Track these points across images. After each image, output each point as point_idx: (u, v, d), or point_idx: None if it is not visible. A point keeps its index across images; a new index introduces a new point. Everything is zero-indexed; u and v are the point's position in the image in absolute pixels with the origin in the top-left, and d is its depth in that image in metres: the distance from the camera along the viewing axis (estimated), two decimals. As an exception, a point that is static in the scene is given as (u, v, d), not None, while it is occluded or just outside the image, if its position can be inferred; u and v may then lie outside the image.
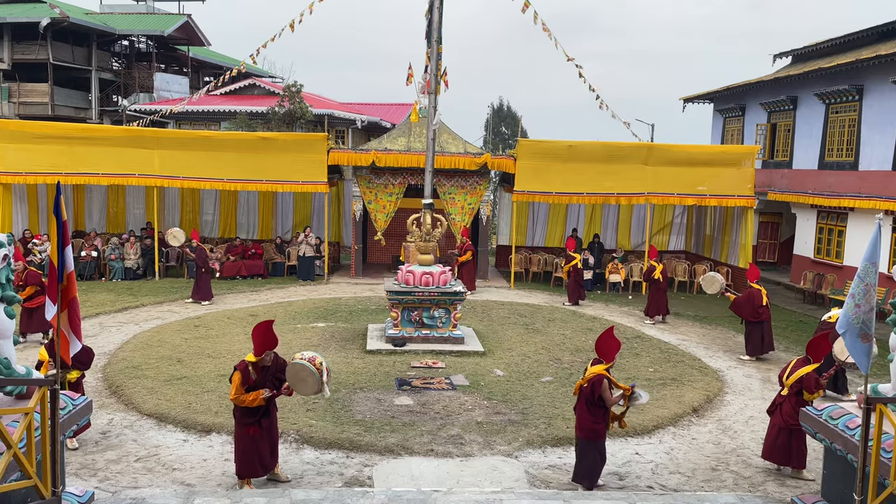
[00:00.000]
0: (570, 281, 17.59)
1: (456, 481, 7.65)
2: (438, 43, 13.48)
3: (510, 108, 52.50)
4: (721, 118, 27.21)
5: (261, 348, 7.18)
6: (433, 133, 13.88)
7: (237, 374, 7.14)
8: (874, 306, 5.90)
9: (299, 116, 26.14)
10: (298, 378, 7.10)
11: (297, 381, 7.12)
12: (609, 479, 7.93)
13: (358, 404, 9.74)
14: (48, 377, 5.80)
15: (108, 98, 33.82)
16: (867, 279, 5.87)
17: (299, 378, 7.09)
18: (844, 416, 6.72)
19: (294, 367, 7.09)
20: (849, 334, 5.98)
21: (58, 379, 5.47)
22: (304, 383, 7.11)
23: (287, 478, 7.66)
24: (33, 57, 30.45)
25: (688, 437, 9.26)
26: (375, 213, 19.88)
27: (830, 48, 21.95)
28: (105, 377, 10.72)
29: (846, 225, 18.97)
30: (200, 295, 16.37)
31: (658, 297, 15.95)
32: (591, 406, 7.48)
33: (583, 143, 19.83)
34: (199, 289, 16.40)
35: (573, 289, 17.51)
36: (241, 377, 7.13)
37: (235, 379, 7.14)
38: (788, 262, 22.34)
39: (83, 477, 7.48)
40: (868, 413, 5.78)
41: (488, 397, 10.23)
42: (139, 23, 34.56)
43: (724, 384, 11.53)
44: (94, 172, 18.95)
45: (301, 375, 7.07)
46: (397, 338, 12.73)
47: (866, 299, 5.90)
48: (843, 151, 19.63)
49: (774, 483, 7.95)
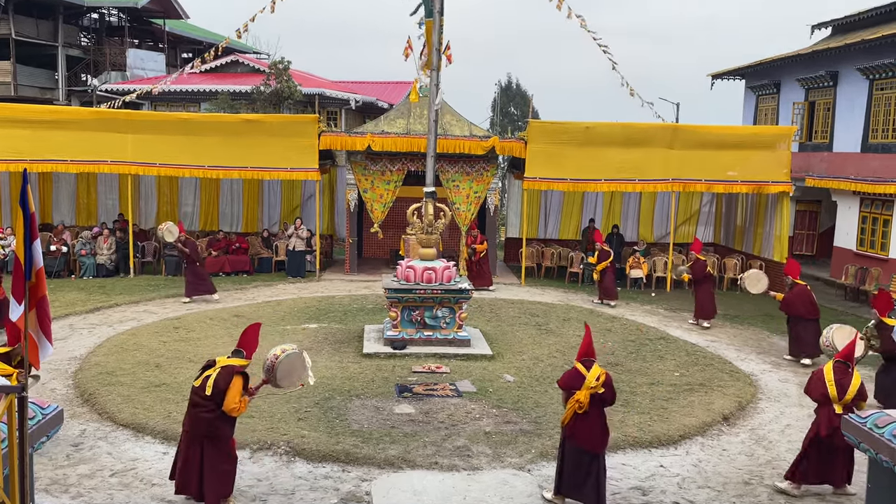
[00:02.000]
0: (607, 278, 17.43)
1: (462, 497, 7.68)
2: (440, 14, 13.47)
3: (520, 86, 52.44)
4: (753, 96, 27.15)
5: (252, 352, 7.29)
6: (435, 114, 13.88)
7: (239, 380, 7.09)
8: None
9: (287, 96, 26.14)
10: (291, 370, 7.33)
11: (288, 374, 7.34)
12: (631, 494, 7.96)
13: (354, 413, 9.77)
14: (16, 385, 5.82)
15: (77, 77, 33.85)
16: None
17: (292, 370, 7.33)
18: (891, 424, 6.71)
19: (290, 359, 7.30)
20: None
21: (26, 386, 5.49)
22: (293, 375, 7.38)
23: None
24: (-7, 32, 30.54)
25: (718, 449, 9.28)
26: (372, 202, 19.90)
27: (875, 18, 21.84)
28: (76, 384, 10.77)
29: (892, 214, 18.93)
30: (204, 288, 16.58)
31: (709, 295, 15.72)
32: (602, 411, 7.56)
33: (600, 124, 19.81)
34: (197, 284, 16.53)
35: (610, 287, 17.44)
36: (244, 381, 7.17)
37: (237, 384, 7.06)
38: (828, 254, 22.30)
39: (54, 493, 7.52)
40: (917, 421, 5.77)
41: (497, 405, 10.26)
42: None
43: (757, 390, 11.55)
44: (62, 159, 19.00)
45: (295, 366, 7.33)
46: (397, 340, 12.76)
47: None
48: (888, 132, 19.58)
49: (814, 498, 7.97)
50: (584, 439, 7.44)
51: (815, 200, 24.17)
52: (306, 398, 10.20)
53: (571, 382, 7.53)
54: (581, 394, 7.37)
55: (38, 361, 5.74)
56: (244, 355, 7.27)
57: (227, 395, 7.00)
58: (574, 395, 7.40)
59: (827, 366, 8.18)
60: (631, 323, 15.57)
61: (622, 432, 9.35)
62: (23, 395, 5.48)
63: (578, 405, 7.36)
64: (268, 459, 8.44)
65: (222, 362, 7.21)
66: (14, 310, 5.59)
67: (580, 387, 7.41)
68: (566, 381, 7.62)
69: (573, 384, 7.50)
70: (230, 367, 7.15)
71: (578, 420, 7.42)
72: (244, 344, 7.30)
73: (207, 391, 7.01)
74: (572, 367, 7.70)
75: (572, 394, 7.45)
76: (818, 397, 8.05)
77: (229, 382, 7.03)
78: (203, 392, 7.04)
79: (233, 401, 7.02)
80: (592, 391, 7.38)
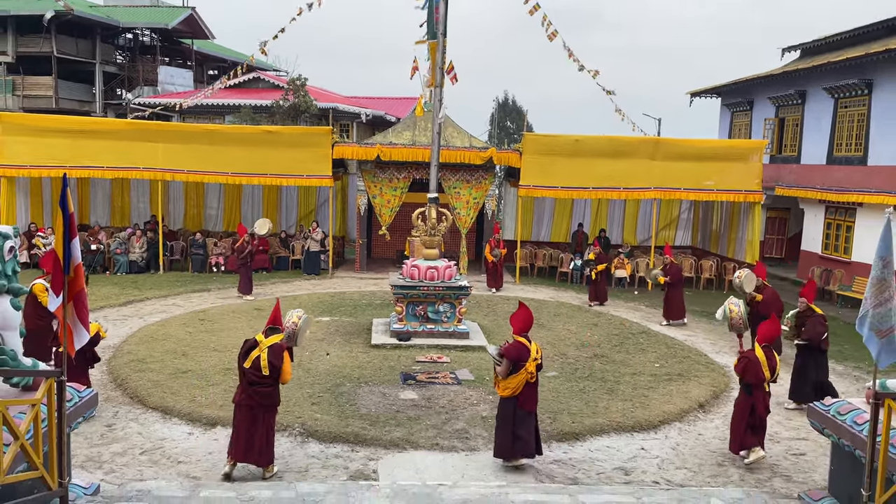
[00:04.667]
0: (602, 282, 17.10)
1: (461, 475, 7.67)
2: (444, 36, 13.46)
3: (515, 103, 52.34)
4: (729, 112, 27.12)
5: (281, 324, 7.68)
6: (438, 127, 13.87)
7: (286, 354, 7.48)
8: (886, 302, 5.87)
9: (304, 110, 26.12)
10: (306, 328, 7.92)
11: (304, 333, 7.90)
12: (615, 474, 7.95)
13: (363, 398, 9.76)
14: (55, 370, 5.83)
15: (112, 91, 33.88)
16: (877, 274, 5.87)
17: (306, 328, 7.88)
18: (852, 412, 6.72)
19: (305, 322, 7.84)
20: (865, 329, 5.99)
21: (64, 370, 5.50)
22: (306, 333, 8.01)
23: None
24: (37, 50, 30.53)
25: (694, 433, 9.27)
26: (380, 207, 19.89)
27: (840, 42, 21.83)
28: (110, 370, 10.77)
29: (854, 220, 18.90)
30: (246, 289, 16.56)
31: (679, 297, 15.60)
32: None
33: (589, 137, 19.79)
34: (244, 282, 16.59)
35: (603, 290, 17.12)
36: (290, 357, 7.55)
37: (287, 359, 7.46)
38: (796, 257, 22.27)
39: (89, 469, 7.52)
40: (877, 408, 5.78)
41: (493, 392, 10.22)
42: (143, 15, 34.60)
43: (730, 380, 11.49)
44: (99, 166, 19.03)
45: (309, 325, 7.97)
46: (402, 332, 12.75)
47: (874, 295, 5.89)
48: (851, 146, 19.55)
49: (781, 479, 7.95)
50: (532, 403, 7.79)
51: (784, 208, 24.13)
52: (319, 384, 10.20)
53: (520, 355, 7.62)
54: (531, 365, 7.62)
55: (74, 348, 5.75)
56: (279, 330, 7.57)
57: (283, 369, 7.38)
58: (525, 367, 7.58)
59: (758, 351, 8.22)
60: (615, 318, 15.55)
61: (607, 418, 9.34)
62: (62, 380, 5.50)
63: (530, 375, 7.62)
64: (284, 440, 8.43)
65: (265, 343, 7.42)
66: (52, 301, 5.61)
67: (528, 359, 7.59)
68: (516, 354, 7.64)
69: (522, 356, 7.61)
70: (277, 345, 7.43)
71: (527, 388, 7.67)
72: (275, 320, 7.57)
73: (265, 371, 7.31)
74: (514, 341, 7.73)
75: (520, 366, 7.58)
76: (754, 380, 8.13)
77: (282, 359, 7.38)
78: (259, 372, 7.32)
79: (288, 373, 7.46)
80: (537, 362, 7.67)
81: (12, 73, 30.89)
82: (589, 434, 8.91)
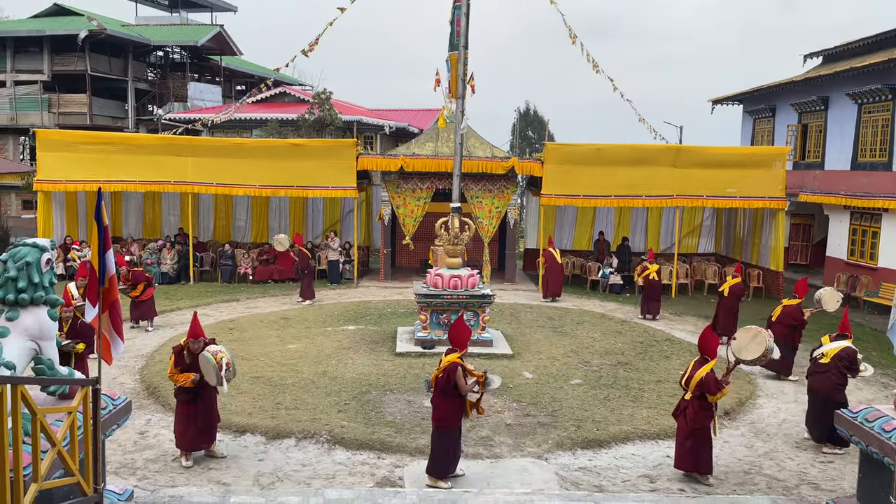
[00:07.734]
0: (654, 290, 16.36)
1: (486, 483, 7.64)
2: (465, 48, 13.50)
3: (537, 112, 52.32)
4: (751, 119, 26.83)
5: (189, 336, 7.95)
6: (461, 138, 13.89)
7: (172, 356, 7.96)
8: None
9: (329, 123, 26.36)
10: (205, 369, 7.77)
11: (204, 371, 7.80)
12: (640, 481, 7.87)
13: (388, 406, 9.78)
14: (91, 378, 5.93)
15: (144, 107, 34.49)
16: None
17: (205, 369, 7.76)
18: (881, 419, 6.59)
19: (202, 358, 7.78)
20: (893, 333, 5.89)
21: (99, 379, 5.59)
22: (208, 374, 7.77)
23: (222, 454, 8.14)
24: (72, 68, 31.25)
25: (720, 441, 9.12)
26: (404, 217, 19.96)
27: (862, 48, 21.52)
28: (142, 379, 10.91)
29: (880, 226, 18.56)
30: (307, 294, 17.08)
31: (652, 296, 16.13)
32: (447, 395, 7.51)
33: (610, 145, 19.70)
34: (304, 288, 17.14)
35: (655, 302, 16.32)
36: (175, 358, 7.91)
37: (171, 359, 7.94)
38: (821, 264, 21.91)
39: (123, 476, 7.62)
40: (905, 415, 5.66)
41: (517, 399, 10.21)
42: (173, 34, 35.21)
43: (756, 388, 11.36)
44: (131, 180, 19.35)
45: (206, 367, 7.73)
46: (426, 340, 12.76)
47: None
48: (876, 152, 19.23)
49: (809, 486, 7.81)
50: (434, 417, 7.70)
51: (808, 214, 23.77)
52: (345, 392, 10.24)
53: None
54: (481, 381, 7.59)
55: (111, 357, 5.84)
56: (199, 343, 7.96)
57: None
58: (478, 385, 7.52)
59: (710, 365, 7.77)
60: (639, 326, 15.41)
61: (632, 425, 9.25)
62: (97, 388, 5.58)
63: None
64: (311, 447, 8.47)
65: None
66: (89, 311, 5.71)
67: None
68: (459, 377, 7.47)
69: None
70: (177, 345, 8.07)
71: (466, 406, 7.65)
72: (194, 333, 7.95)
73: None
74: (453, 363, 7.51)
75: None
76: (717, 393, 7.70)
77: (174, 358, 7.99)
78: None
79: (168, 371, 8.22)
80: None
81: (48, 91, 31.61)
82: (614, 441, 8.83)
